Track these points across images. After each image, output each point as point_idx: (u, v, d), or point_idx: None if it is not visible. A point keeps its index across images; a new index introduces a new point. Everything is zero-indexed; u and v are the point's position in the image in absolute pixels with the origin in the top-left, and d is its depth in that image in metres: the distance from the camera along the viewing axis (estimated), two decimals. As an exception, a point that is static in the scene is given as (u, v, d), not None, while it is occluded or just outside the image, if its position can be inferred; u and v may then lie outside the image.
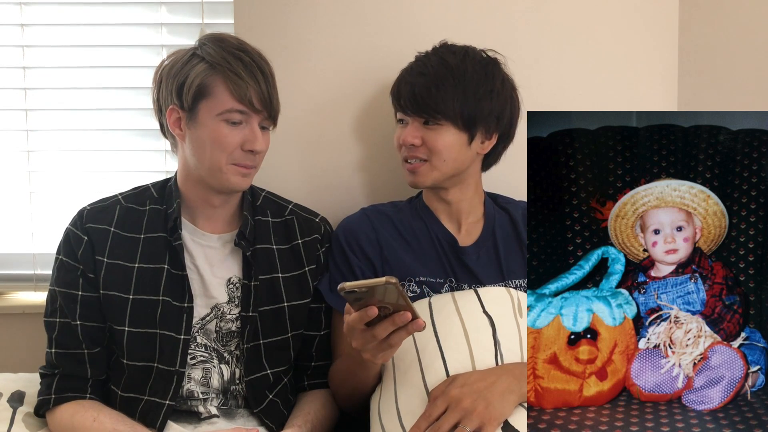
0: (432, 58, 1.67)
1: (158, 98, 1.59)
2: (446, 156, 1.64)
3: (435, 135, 1.63)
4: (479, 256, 1.69)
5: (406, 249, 1.70)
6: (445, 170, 1.66)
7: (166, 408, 1.56)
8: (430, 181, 1.67)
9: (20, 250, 2.12)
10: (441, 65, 1.64)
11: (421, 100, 1.62)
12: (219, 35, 1.58)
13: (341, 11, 1.89)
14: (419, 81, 1.64)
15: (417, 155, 1.66)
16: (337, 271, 1.69)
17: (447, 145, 1.63)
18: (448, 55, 1.66)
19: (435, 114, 1.62)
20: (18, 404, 1.62)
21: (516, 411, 1.45)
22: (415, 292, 1.67)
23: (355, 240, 1.70)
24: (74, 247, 1.59)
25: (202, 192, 1.59)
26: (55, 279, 1.60)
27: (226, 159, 1.53)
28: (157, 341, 1.56)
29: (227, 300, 1.61)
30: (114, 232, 1.59)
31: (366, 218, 1.74)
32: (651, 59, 1.94)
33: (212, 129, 1.52)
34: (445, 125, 1.63)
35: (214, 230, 1.63)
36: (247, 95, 1.51)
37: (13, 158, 2.11)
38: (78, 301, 1.57)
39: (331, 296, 1.68)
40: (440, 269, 1.69)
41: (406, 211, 1.75)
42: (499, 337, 1.53)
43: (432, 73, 1.63)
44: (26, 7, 2.08)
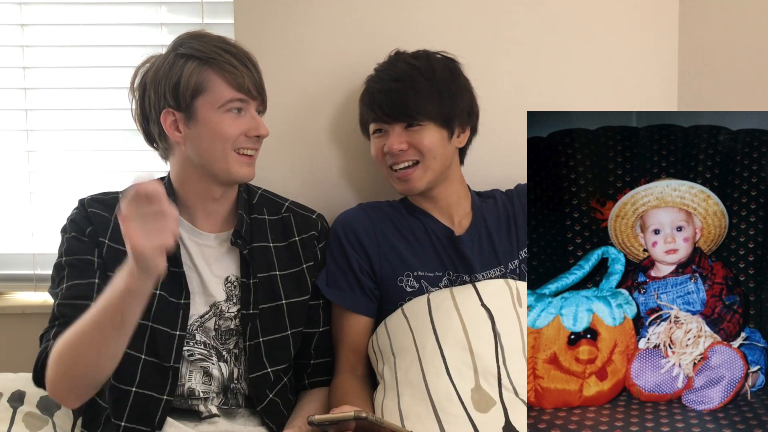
0: (398, 65, 1.71)
1: (144, 107, 1.57)
2: (435, 153, 1.66)
3: (420, 136, 1.65)
4: (473, 243, 1.70)
5: (404, 244, 1.71)
6: (436, 168, 1.67)
7: (164, 404, 1.56)
8: (424, 183, 1.68)
9: (20, 250, 2.12)
10: (410, 69, 1.68)
11: (402, 105, 1.65)
12: (196, 32, 1.59)
13: (341, 11, 1.89)
14: (395, 87, 1.66)
15: (406, 159, 1.67)
16: (335, 265, 1.70)
17: (434, 142, 1.66)
18: (412, 59, 1.71)
19: (417, 115, 1.64)
20: (18, 404, 1.62)
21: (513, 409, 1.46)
22: (414, 287, 1.68)
23: (353, 233, 1.71)
24: (82, 226, 1.57)
25: (203, 188, 1.59)
26: (65, 251, 1.57)
27: (230, 148, 1.54)
28: (148, 333, 1.55)
29: (225, 298, 1.62)
30: (114, 221, 1.58)
31: (364, 213, 1.75)
32: (651, 59, 1.94)
33: (215, 122, 1.52)
34: (427, 125, 1.65)
35: (211, 229, 1.63)
36: (245, 83, 1.52)
37: (13, 158, 2.11)
38: (95, 265, 1.55)
39: (329, 291, 1.69)
40: (438, 263, 1.70)
41: (402, 209, 1.76)
42: (499, 329, 1.54)
43: (405, 78, 1.67)
44: (26, 7, 2.08)
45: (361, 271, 1.69)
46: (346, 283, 1.69)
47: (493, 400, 1.48)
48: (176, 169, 1.61)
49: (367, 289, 1.70)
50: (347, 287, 1.69)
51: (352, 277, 1.69)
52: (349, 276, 1.69)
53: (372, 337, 1.68)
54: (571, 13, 1.92)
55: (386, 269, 1.70)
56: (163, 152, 1.62)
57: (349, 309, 1.70)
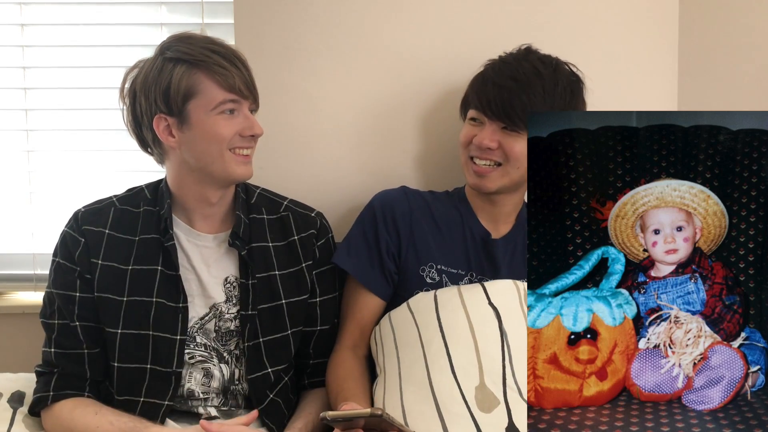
0: (523, 64, 1.64)
1: (136, 113, 1.56)
2: (521, 163, 1.63)
3: (513, 141, 1.62)
4: (506, 250, 1.70)
5: (436, 235, 1.70)
6: (514, 177, 1.65)
7: (164, 408, 1.56)
8: (497, 186, 1.66)
9: (20, 250, 2.12)
10: (534, 74, 1.62)
11: (510, 107, 1.59)
12: (184, 34, 1.57)
13: (341, 11, 1.89)
14: (510, 85, 1.61)
15: (491, 158, 1.64)
16: (362, 238, 1.69)
17: (524, 152, 1.61)
18: (539, 64, 1.64)
19: (520, 122, 1.60)
20: (18, 404, 1.62)
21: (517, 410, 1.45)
22: (434, 279, 1.67)
23: (390, 211, 1.70)
24: (71, 248, 1.59)
25: (200, 190, 1.59)
26: (52, 281, 1.60)
27: (225, 149, 1.53)
28: (150, 343, 1.56)
29: (225, 299, 1.62)
30: (108, 234, 1.59)
31: (404, 195, 1.73)
32: (651, 59, 1.94)
33: (209, 125, 1.52)
34: (524, 133, 1.61)
35: (209, 230, 1.63)
36: (236, 84, 1.51)
37: (13, 158, 2.11)
38: (76, 302, 1.58)
39: (348, 260, 1.68)
40: (464, 262, 1.69)
41: (443, 200, 1.75)
42: (506, 328, 1.53)
43: (525, 81, 1.61)
44: (26, 7, 2.08)
45: (387, 252, 1.68)
46: (368, 259, 1.68)
47: (498, 399, 1.48)
48: (172, 173, 1.60)
49: (387, 271, 1.68)
50: (368, 263, 1.68)
51: (376, 255, 1.68)
52: (374, 253, 1.68)
53: (375, 328, 1.67)
54: (571, 13, 1.92)
55: (412, 256, 1.68)
56: (159, 157, 1.61)
57: (364, 284, 1.68)
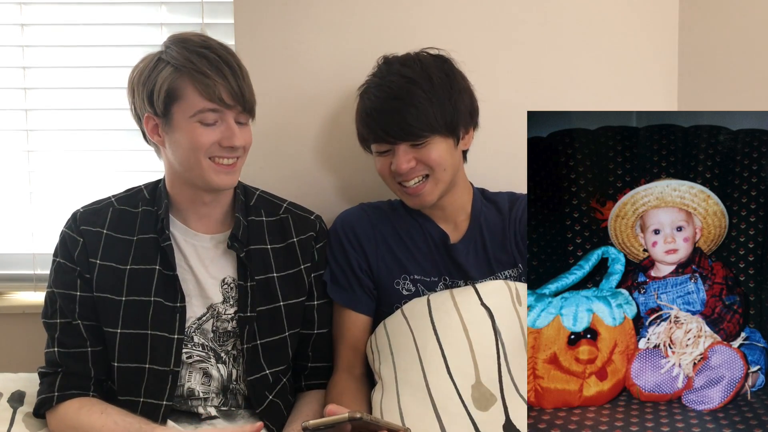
0: (391, 78, 1.62)
1: (134, 107, 1.57)
2: (445, 165, 1.62)
3: (427, 151, 1.60)
4: (468, 251, 1.70)
5: (402, 247, 1.71)
6: (446, 179, 1.64)
7: (164, 408, 1.56)
8: (436, 196, 1.65)
9: (20, 250, 2.12)
10: (406, 82, 1.60)
11: (405, 125, 1.58)
12: (182, 36, 1.56)
13: (341, 11, 1.89)
14: (394, 106, 1.59)
15: (417, 175, 1.62)
16: (335, 263, 1.70)
17: (442, 155, 1.61)
18: (405, 69, 1.62)
19: (422, 133, 1.58)
20: (18, 404, 1.62)
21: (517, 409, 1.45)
22: (410, 290, 1.68)
23: (353, 232, 1.71)
24: (70, 248, 1.59)
25: (191, 192, 1.59)
26: (53, 281, 1.60)
27: (204, 158, 1.52)
28: (149, 342, 1.56)
29: (222, 300, 1.61)
30: (107, 234, 1.60)
31: (364, 213, 1.74)
32: (651, 59, 1.94)
33: (188, 131, 1.51)
34: (433, 138, 1.60)
35: (206, 230, 1.63)
36: (216, 92, 1.49)
37: (13, 158, 2.11)
38: (77, 301, 1.58)
39: (331, 288, 1.69)
40: (434, 269, 1.70)
41: (400, 209, 1.75)
42: (499, 327, 1.54)
43: (403, 93, 1.58)
44: (26, 7, 2.08)
45: (360, 270, 1.69)
46: (346, 282, 1.70)
47: (495, 396, 1.48)
48: (166, 171, 1.62)
49: (366, 288, 1.70)
50: (347, 285, 1.70)
51: (351, 276, 1.69)
52: (349, 274, 1.69)
53: (370, 337, 1.68)
54: (571, 13, 1.92)
55: (383, 270, 1.70)
56: (156, 153, 1.62)
57: (349, 307, 1.70)
